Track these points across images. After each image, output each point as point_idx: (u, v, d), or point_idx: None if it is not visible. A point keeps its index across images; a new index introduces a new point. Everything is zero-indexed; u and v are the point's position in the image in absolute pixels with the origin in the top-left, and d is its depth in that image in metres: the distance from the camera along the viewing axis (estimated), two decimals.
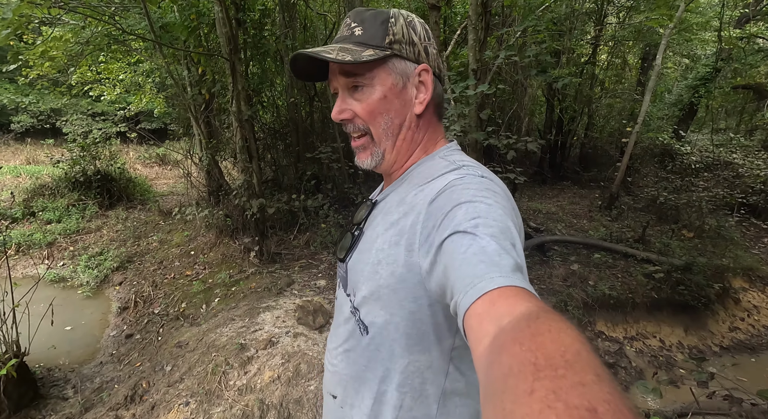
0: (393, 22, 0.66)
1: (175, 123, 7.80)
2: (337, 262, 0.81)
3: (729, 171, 7.58)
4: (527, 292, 0.43)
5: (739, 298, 4.73)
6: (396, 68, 0.67)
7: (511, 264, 0.47)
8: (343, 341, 0.75)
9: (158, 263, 4.67)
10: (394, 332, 0.65)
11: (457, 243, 0.51)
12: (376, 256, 0.65)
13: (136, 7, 4.83)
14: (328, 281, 3.81)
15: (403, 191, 0.69)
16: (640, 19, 7.31)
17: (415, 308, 0.62)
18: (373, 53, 0.64)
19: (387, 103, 0.67)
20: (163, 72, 5.56)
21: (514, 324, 0.38)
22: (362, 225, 0.76)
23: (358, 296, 0.70)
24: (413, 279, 0.60)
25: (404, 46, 0.67)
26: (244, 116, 3.62)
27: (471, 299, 0.44)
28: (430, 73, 0.68)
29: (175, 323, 3.39)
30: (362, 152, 0.73)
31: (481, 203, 0.55)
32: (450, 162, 0.67)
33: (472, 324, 0.43)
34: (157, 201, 6.86)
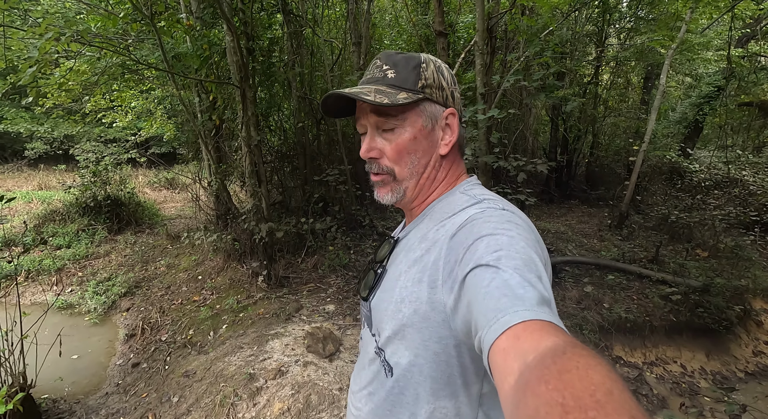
0: (425, 67, 0.69)
1: (183, 147, 7.94)
2: (361, 301, 0.80)
3: (740, 188, 7.49)
4: (554, 326, 0.42)
5: (761, 320, 4.57)
6: (426, 111, 0.70)
7: (536, 297, 0.45)
8: (367, 383, 0.73)
9: (166, 289, 4.64)
10: (418, 374, 0.63)
11: (479, 277, 0.50)
12: (399, 294, 0.64)
13: (150, 38, 5.00)
14: (337, 306, 3.75)
15: (424, 228, 0.69)
16: (642, 39, 7.43)
17: (440, 350, 0.60)
18: (407, 96, 0.67)
19: (416, 143, 0.70)
20: (174, 99, 5.70)
21: (539, 360, 0.36)
22: (385, 263, 0.75)
23: (382, 336, 0.68)
24: (437, 318, 0.59)
25: (434, 90, 0.70)
26: (253, 142, 3.66)
27: (495, 334, 0.43)
28: (456, 117, 0.71)
29: (182, 351, 3.33)
30: (382, 188, 0.74)
31: (502, 236, 0.54)
32: (470, 197, 0.68)
33: (497, 361, 0.41)
34: (165, 225, 6.89)
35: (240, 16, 3.79)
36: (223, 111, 4.30)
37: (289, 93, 6.09)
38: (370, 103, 0.66)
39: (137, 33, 4.07)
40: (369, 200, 6.25)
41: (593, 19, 7.92)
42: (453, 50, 7.23)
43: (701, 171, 8.14)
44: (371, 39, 6.54)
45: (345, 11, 6.31)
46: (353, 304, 3.79)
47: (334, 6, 7.05)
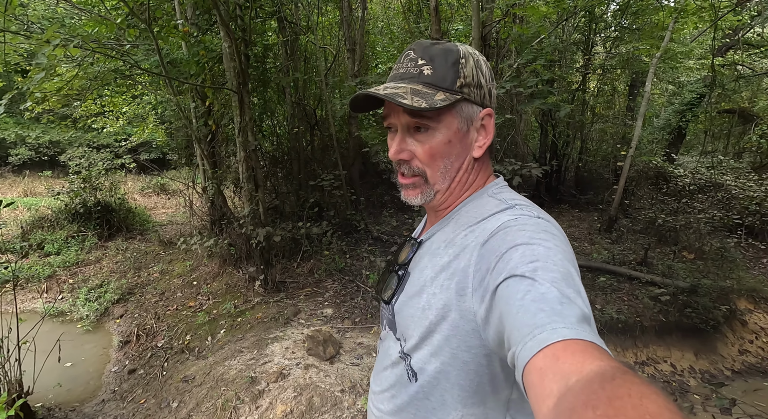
0: (464, 63, 0.63)
1: (174, 153, 7.89)
2: (382, 303, 0.78)
3: (723, 192, 7.74)
4: (597, 347, 0.39)
5: (746, 320, 4.72)
6: (463, 112, 0.65)
7: (575, 314, 0.43)
8: (389, 386, 0.72)
9: (160, 295, 4.59)
10: (445, 381, 0.62)
11: (513, 288, 0.47)
12: (427, 301, 0.62)
13: (144, 44, 5.00)
14: (335, 310, 3.76)
15: (450, 231, 0.67)
16: (627, 48, 7.66)
17: (469, 359, 0.58)
18: (445, 98, 0.62)
19: (450, 147, 0.65)
20: (168, 104, 5.69)
21: (585, 384, 0.34)
22: (407, 266, 0.73)
23: (409, 342, 0.66)
24: (467, 327, 0.57)
25: (473, 89, 0.64)
26: (251, 147, 3.68)
27: (531, 351, 0.41)
28: (493, 117, 0.67)
29: (179, 356, 3.31)
30: (411, 190, 0.69)
31: (539, 246, 0.51)
32: (500, 201, 0.65)
33: (533, 381, 0.39)
34: (156, 231, 6.82)
35: (238, 23, 3.82)
36: (221, 116, 4.32)
37: (283, 99, 6.13)
38: (408, 108, 0.60)
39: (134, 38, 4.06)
40: (364, 204, 6.29)
41: (580, 28, 8.15)
42: None
43: (686, 176, 8.38)
44: (365, 46, 6.62)
45: (339, 18, 6.39)
46: (351, 308, 3.81)
47: (328, 13, 7.13)
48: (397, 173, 0.71)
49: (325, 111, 6.35)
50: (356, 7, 6.55)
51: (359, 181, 6.42)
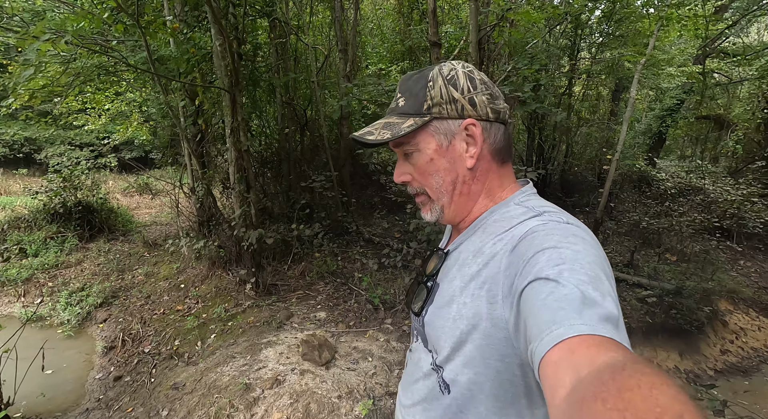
0: (431, 86, 0.66)
1: (157, 152, 7.70)
2: (412, 315, 0.78)
3: (702, 196, 7.99)
4: (614, 342, 0.39)
5: (727, 320, 4.88)
6: (439, 130, 0.67)
7: (598, 313, 0.42)
8: (420, 399, 0.71)
9: (146, 298, 4.46)
10: (479, 393, 0.60)
11: (537, 290, 0.47)
12: (458, 311, 0.62)
13: (130, 40, 4.85)
14: (328, 313, 3.72)
15: (478, 241, 0.66)
16: (613, 54, 7.84)
17: (503, 368, 0.57)
18: (413, 123, 0.66)
19: (434, 164, 0.68)
20: (155, 102, 5.54)
21: (595, 375, 0.33)
22: (436, 277, 0.72)
23: (441, 354, 0.66)
24: (499, 335, 0.56)
25: (444, 106, 0.66)
26: (243, 147, 3.61)
27: (547, 345, 0.41)
28: (478, 126, 0.66)
29: (168, 362, 3.21)
30: (423, 208, 0.74)
31: (566, 250, 0.51)
32: (528, 208, 0.64)
33: (548, 373, 0.39)
34: (140, 232, 6.64)
35: (231, 21, 3.74)
36: (212, 116, 4.22)
37: (273, 99, 6.04)
38: (372, 144, 0.68)
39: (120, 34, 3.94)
40: (354, 206, 6.25)
41: (567, 34, 8.31)
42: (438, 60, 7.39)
43: (667, 180, 8.63)
44: (357, 47, 6.59)
45: (331, 18, 6.34)
46: (344, 311, 3.77)
47: (318, 13, 7.07)
48: (415, 196, 0.76)
49: (315, 112, 6.29)
50: (348, 7, 6.52)
51: (351, 182, 6.39)
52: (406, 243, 4.11)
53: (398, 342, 3.18)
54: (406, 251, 3.68)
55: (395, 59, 7.85)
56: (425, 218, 0.74)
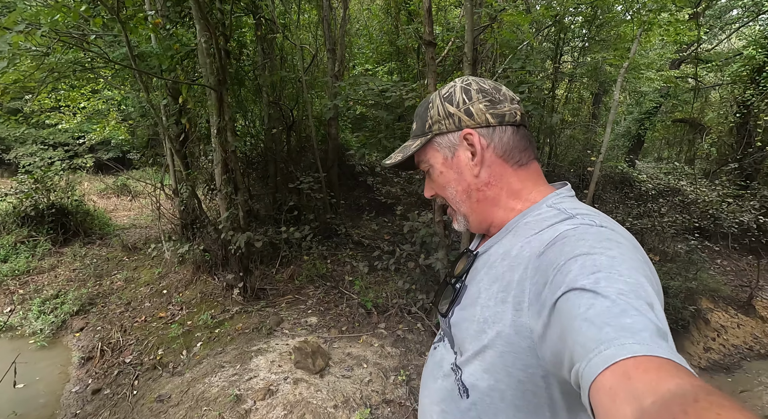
0: (430, 107, 0.72)
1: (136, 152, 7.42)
2: (439, 316, 0.77)
3: (681, 197, 8.22)
4: (674, 364, 0.35)
5: (708, 319, 5.01)
6: (441, 144, 0.72)
7: (647, 328, 0.39)
8: (440, 399, 0.70)
9: (125, 305, 4.26)
10: (499, 401, 0.58)
11: (573, 303, 0.44)
12: (482, 313, 0.60)
13: (108, 35, 4.65)
14: (320, 318, 3.62)
15: (507, 243, 0.65)
16: (595, 58, 7.99)
17: (525, 378, 0.55)
18: (417, 143, 0.73)
19: (444, 177, 0.73)
20: (135, 100, 5.33)
21: (663, 407, 0.30)
22: (464, 278, 0.71)
23: (464, 355, 0.64)
24: (522, 344, 0.53)
25: (442, 122, 0.70)
26: (230, 147, 3.48)
27: (597, 368, 0.37)
28: (475, 134, 0.68)
29: (152, 373, 3.05)
30: (453, 219, 0.78)
31: (601, 256, 0.47)
32: (560, 211, 0.62)
33: (603, 401, 0.36)
34: (118, 235, 6.37)
35: (218, 16, 3.62)
36: (196, 115, 4.07)
37: (258, 98, 5.90)
38: (389, 166, 0.80)
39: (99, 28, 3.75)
40: (343, 208, 6.16)
41: (550, 37, 8.44)
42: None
43: (647, 181, 8.85)
44: (345, 46, 6.52)
45: (318, 17, 6.24)
46: (336, 315, 3.68)
47: (305, 12, 6.96)
48: None
49: (302, 112, 6.17)
50: (337, 6, 6.44)
51: (339, 183, 6.30)
52: (397, 245, 4.06)
53: (393, 347, 3.11)
54: (399, 254, 3.62)
55: (382, 60, 7.80)
56: (456, 228, 0.78)
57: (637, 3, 5.37)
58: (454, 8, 7.65)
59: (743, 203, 6.95)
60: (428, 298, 3.60)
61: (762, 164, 8.49)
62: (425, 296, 3.59)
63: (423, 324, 3.47)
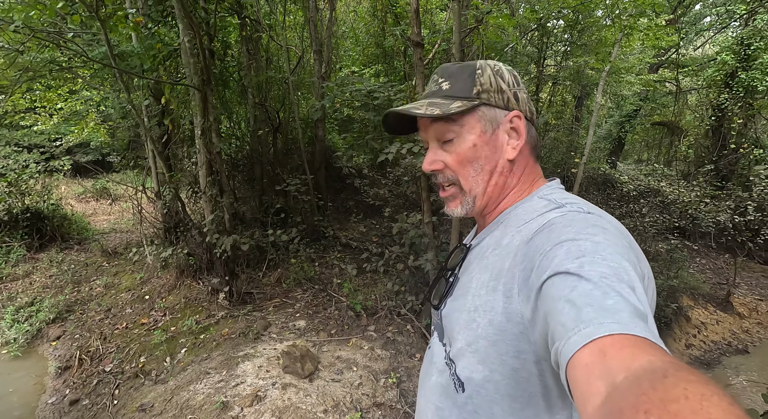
0: (480, 73, 0.67)
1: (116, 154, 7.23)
2: (432, 309, 0.77)
3: (660, 198, 8.44)
4: (649, 342, 0.36)
5: (689, 316, 5.13)
6: (486, 116, 0.67)
7: (627, 309, 0.39)
8: (434, 397, 0.69)
9: (105, 312, 4.12)
10: (494, 392, 0.58)
11: (558, 285, 0.45)
12: (473, 302, 0.60)
13: (87, 33, 4.51)
14: (308, 321, 3.57)
15: (498, 235, 0.66)
16: (577, 62, 8.16)
17: (519, 366, 0.55)
18: (461, 105, 0.66)
19: (476, 151, 0.68)
20: (115, 101, 5.19)
21: (633, 382, 0.31)
22: (457, 271, 0.72)
23: (454, 347, 0.64)
24: (514, 330, 0.54)
25: (492, 94, 0.67)
26: (215, 149, 3.41)
27: (575, 346, 0.38)
28: (522, 119, 0.68)
29: (133, 381, 2.95)
30: (452, 202, 0.73)
31: (586, 241, 0.48)
32: (550, 201, 0.63)
33: (578, 377, 0.36)
34: (97, 240, 6.18)
35: (202, 16, 3.55)
36: (180, 116, 3.98)
37: (244, 99, 5.82)
38: (421, 117, 0.67)
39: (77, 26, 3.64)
40: (330, 210, 6.11)
41: (534, 41, 8.59)
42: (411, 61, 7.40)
43: (628, 182, 9.06)
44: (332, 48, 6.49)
45: (305, 18, 6.20)
46: (324, 318, 3.64)
47: (291, 13, 6.91)
48: (439, 189, 0.74)
49: (289, 113, 6.11)
50: (323, 8, 6.41)
51: (326, 186, 6.25)
52: (385, 247, 4.03)
53: (383, 350, 3.08)
54: (387, 256, 3.60)
55: (369, 62, 7.80)
56: (453, 212, 0.73)
57: (617, 8, 5.51)
58: (440, 11, 7.72)
59: (719, 203, 7.17)
60: (417, 299, 3.59)
61: (736, 166, 8.79)
62: (415, 298, 3.58)
63: (413, 326, 3.46)
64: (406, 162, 3.68)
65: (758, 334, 5.15)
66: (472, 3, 3.54)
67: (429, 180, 3.19)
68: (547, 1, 4.63)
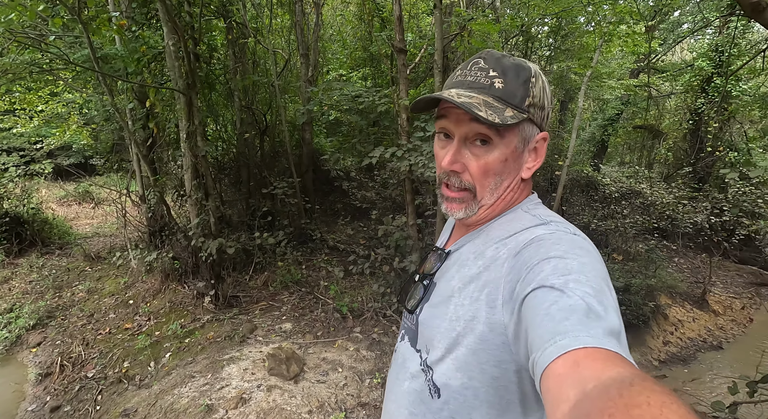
0: (534, 82, 0.62)
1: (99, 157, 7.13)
2: (404, 312, 0.77)
3: (641, 199, 8.67)
4: (620, 357, 0.38)
5: (667, 314, 5.29)
6: (524, 132, 0.64)
7: (603, 326, 0.42)
8: (407, 402, 0.68)
9: (88, 317, 4.06)
10: (473, 398, 0.59)
11: (540, 298, 0.47)
12: (455, 311, 0.61)
13: (69, 36, 4.46)
14: (294, 324, 3.58)
15: (480, 244, 0.65)
16: (560, 66, 8.34)
17: (499, 374, 0.56)
18: (514, 115, 0.60)
19: (505, 166, 0.64)
20: (98, 104, 5.13)
21: (602, 390, 0.33)
22: (433, 276, 0.72)
23: (432, 354, 0.64)
24: (496, 340, 0.55)
25: (537, 110, 0.64)
26: (201, 152, 3.41)
27: (550, 356, 0.40)
28: (546, 141, 0.67)
29: (116, 387, 2.93)
30: (456, 204, 0.67)
31: (573, 261, 0.50)
32: (535, 216, 0.64)
33: (550, 386, 0.38)
34: (80, 244, 6.07)
35: (186, 19, 3.55)
36: (165, 119, 3.96)
37: (230, 103, 5.80)
38: (482, 120, 0.58)
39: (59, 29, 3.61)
40: (318, 213, 6.12)
41: (518, 46, 8.76)
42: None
43: (611, 184, 9.28)
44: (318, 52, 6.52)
45: (291, 22, 6.22)
46: (311, 321, 3.65)
47: (278, 16, 6.92)
48: (442, 185, 0.69)
49: (276, 116, 6.12)
50: (310, 11, 6.44)
51: (313, 189, 6.26)
52: (372, 250, 4.08)
53: (368, 351, 3.12)
54: (374, 258, 3.64)
55: (356, 65, 7.85)
56: (453, 214, 0.68)
57: (598, 15, 5.67)
58: (427, 16, 7.81)
59: (697, 204, 7.39)
60: None
61: (712, 168, 9.07)
62: None
63: (398, 327, 3.50)
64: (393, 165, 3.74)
65: (732, 331, 5.34)
66: (455, 10, 3.62)
67: (413, 184, 3.25)
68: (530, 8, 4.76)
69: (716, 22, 8.62)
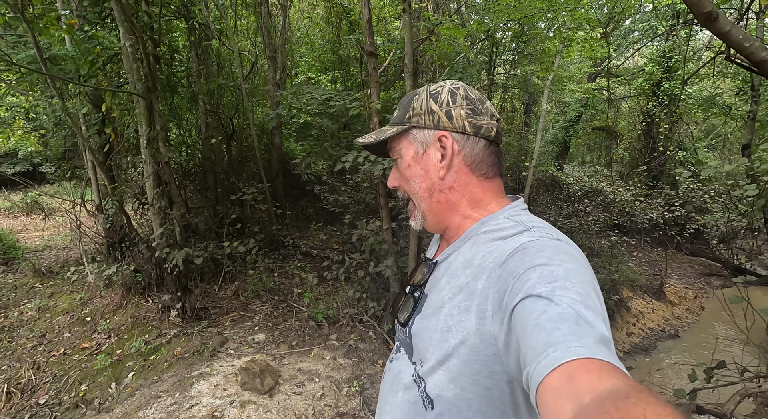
0: (416, 98, 0.72)
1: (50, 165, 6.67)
2: (397, 325, 0.77)
3: (602, 197, 9.08)
4: (614, 367, 0.38)
5: (629, 306, 5.55)
6: (416, 138, 0.72)
7: (593, 335, 0.42)
8: (402, 414, 0.68)
9: (39, 338, 3.76)
10: (466, 410, 0.59)
11: (529, 308, 0.47)
12: (445, 323, 0.61)
13: (11, 35, 4.14)
14: (268, 334, 3.47)
15: (467, 252, 0.66)
16: (524, 70, 8.62)
17: (492, 385, 0.56)
18: (394, 130, 0.72)
19: (411, 170, 0.73)
20: (47, 109, 4.79)
21: (598, 403, 0.33)
22: (423, 287, 0.72)
23: (425, 365, 0.64)
24: (488, 351, 0.55)
25: (422, 116, 0.70)
26: (163, 159, 3.25)
27: (545, 370, 0.40)
28: (449, 137, 0.68)
29: (73, 413, 2.72)
30: (411, 215, 0.77)
31: (558, 267, 0.50)
32: (517, 223, 0.64)
33: (546, 400, 0.38)
34: (28, 259, 5.64)
35: (145, 20, 3.37)
36: (124, 124, 3.75)
37: (194, 106, 5.58)
38: (361, 145, 0.78)
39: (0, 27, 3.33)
40: (289, 218, 5.99)
41: (484, 50, 8.98)
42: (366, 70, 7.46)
43: (574, 184, 9.67)
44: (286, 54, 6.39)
45: (257, 23, 6.08)
46: (285, 330, 3.55)
47: (243, 17, 6.74)
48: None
49: (243, 121, 5.94)
50: (276, 13, 6.32)
51: (284, 194, 6.13)
52: (346, 254, 4.02)
53: (345, 358, 3.07)
54: (348, 263, 3.59)
55: (325, 68, 7.77)
56: (412, 225, 0.77)
57: (557, 21, 5.90)
58: (395, 20, 7.86)
59: (652, 201, 7.84)
60: (379, 305, 3.60)
61: (665, 166, 9.65)
62: (376, 304, 3.60)
63: (375, 332, 3.47)
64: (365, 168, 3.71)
65: (687, 319, 5.68)
66: (423, 14, 3.65)
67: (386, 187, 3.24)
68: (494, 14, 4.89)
69: (661, 30, 9.19)
